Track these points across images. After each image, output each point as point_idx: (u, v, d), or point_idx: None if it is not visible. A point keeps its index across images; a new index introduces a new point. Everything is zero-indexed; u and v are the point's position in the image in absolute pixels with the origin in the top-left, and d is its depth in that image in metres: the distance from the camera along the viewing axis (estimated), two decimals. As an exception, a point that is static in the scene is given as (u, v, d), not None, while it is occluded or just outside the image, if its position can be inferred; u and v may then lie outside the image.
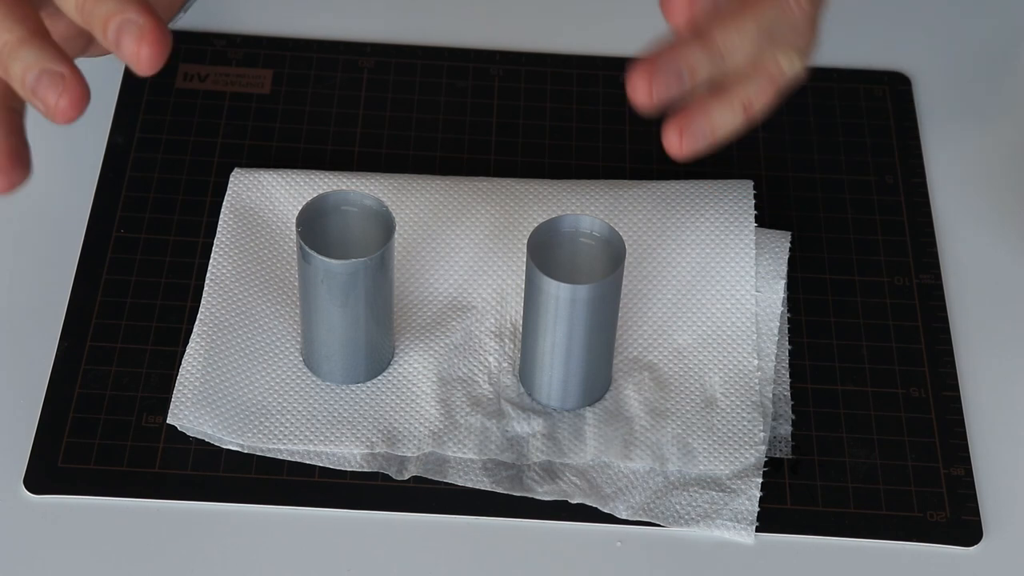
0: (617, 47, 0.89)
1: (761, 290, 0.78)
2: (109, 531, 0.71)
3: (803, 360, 0.77)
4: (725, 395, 0.75)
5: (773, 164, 0.85)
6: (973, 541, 0.72)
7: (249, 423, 0.73)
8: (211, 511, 0.72)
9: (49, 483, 0.72)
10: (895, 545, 0.72)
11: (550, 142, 0.85)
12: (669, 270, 0.78)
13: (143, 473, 0.72)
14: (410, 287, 0.78)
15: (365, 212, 0.72)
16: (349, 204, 0.72)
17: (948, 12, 0.93)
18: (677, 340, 0.77)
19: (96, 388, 0.75)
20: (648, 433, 0.74)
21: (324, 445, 0.73)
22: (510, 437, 0.74)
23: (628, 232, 0.79)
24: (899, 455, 0.74)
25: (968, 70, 0.90)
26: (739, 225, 0.79)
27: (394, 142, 0.85)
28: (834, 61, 0.90)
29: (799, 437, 0.75)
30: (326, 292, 0.71)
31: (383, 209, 0.71)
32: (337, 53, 0.89)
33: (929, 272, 0.81)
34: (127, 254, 0.80)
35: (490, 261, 0.79)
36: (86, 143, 0.84)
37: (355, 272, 0.70)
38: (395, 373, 0.75)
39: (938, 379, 0.77)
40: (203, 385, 0.74)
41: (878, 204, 0.84)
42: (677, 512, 0.72)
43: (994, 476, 0.74)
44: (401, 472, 0.72)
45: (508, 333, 0.77)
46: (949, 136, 0.87)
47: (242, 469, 0.73)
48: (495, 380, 0.75)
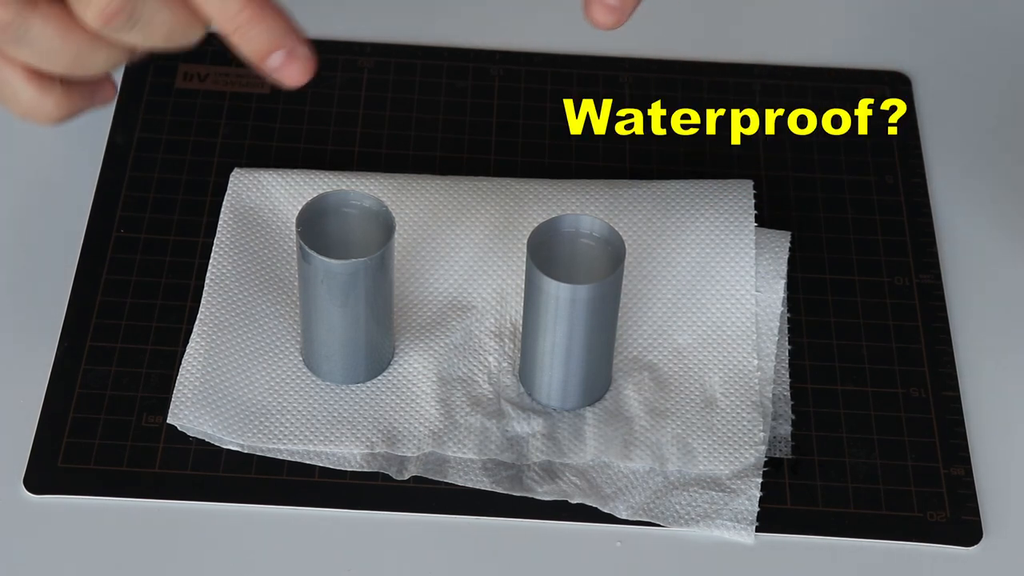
0: (617, 47, 0.89)
1: (761, 290, 0.78)
2: (109, 531, 0.71)
3: (803, 360, 0.77)
4: (725, 395, 0.75)
5: (773, 164, 0.85)
6: (973, 541, 0.72)
7: (249, 423, 0.73)
8: (211, 511, 0.72)
9: (49, 483, 0.72)
10: (895, 545, 0.72)
11: (550, 142, 0.85)
12: (669, 270, 0.78)
13: (143, 473, 0.72)
14: (410, 287, 0.78)
15: (365, 212, 0.72)
16: (349, 204, 0.72)
17: (948, 12, 0.93)
18: (677, 340, 0.77)
19: (96, 388, 0.75)
20: (648, 433, 0.74)
21: (324, 445, 0.73)
22: (510, 437, 0.74)
23: (628, 232, 0.79)
24: (899, 455, 0.74)
25: (968, 70, 0.90)
26: (739, 225, 0.79)
27: (394, 142, 0.85)
28: (834, 61, 0.90)
29: (799, 437, 0.75)
30: (326, 292, 0.71)
31: (383, 209, 0.71)
32: (337, 53, 0.89)
33: (929, 272, 0.81)
34: (127, 254, 0.80)
35: (490, 261, 0.79)
36: (86, 143, 0.84)
37: (355, 272, 0.70)
38: (395, 373, 0.75)
39: (938, 379, 0.77)
40: (203, 385, 0.74)
41: (878, 204, 0.84)
42: (677, 512, 0.72)
43: (994, 476, 0.74)
44: (401, 472, 0.72)
45: (508, 333, 0.77)
46: (949, 136, 0.87)
47: (242, 469, 0.73)
48: (495, 380, 0.75)
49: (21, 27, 0.65)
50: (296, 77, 0.66)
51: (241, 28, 0.65)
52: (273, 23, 0.65)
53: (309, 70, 0.66)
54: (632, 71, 0.88)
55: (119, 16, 0.64)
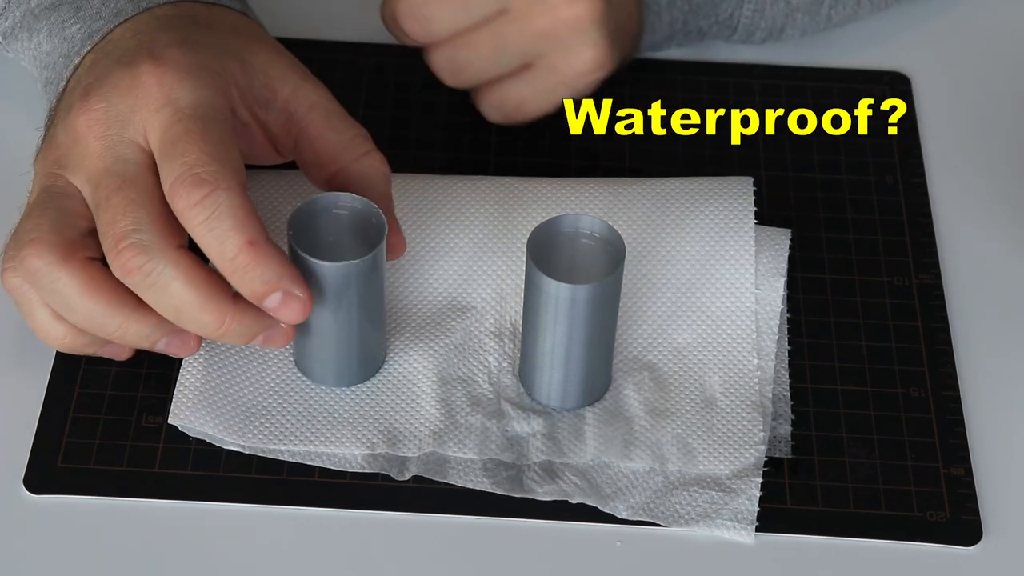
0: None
1: (761, 288, 0.78)
2: (109, 531, 0.71)
3: (803, 360, 0.77)
4: (725, 395, 0.75)
5: (773, 164, 0.85)
6: (973, 541, 0.72)
7: (250, 424, 0.73)
8: (211, 511, 0.72)
9: (49, 483, 0.72)
10: (895, 545, 0.72)
11: (550, 142, 0.85)
12: (669, 268, 0.78)
13: (143, 473, 0.72)
14: (409, 287, 0.78)
15: (356, 215, 0.72)
16: (340, 207, 0.72)
17: (948, 12, 0.93)
18: (677, 339, 0.77)
19: (96, 388, 0.75)
20: (648, 433, 0.74)
21: (325, 446, 0.73)
22: (510, 437, 0.74)
23: (628, 230, 0.79)
24: (899, 455, 0.74)
25: (968, 70, 0.90)
26: (739, 222, 0.79)
27: (394, 142, 0.85)
28: (834, 61, 0.90)
29: (799, 437, 0.75)
30: (317, 295, 0.71)
31: (374, 211, 0.71)
32: (337, 53, 0.89)
33: (929, 272, 0.81)
34: (127, 254, 0.79)
35: (490, 261, 0.79)
36: (86, 143, 0.84)
37: (347, 275, 0.70)
38: (395, 373, 0.75)
39: (938, 379, 0.77)
40: (204, 386, 0.74)
41: (878, 204, 0.84)
42: (677, 512, 0.72)
43: (994, 476, 0.74)
44: (402, 472, 0.72)
45: (508, 333, 0.77)
46: (949, 136, 0.87)
47: (242, 469, 0.73)
48: (495, 380, 0.75)
49: (48, 276, 0.69)
50: (292, 316, 0.69)
51: (238, 272, 0.68)
52: (268, 267, 0.68)
53: (305, 311, 0.69)
54: (632, 71, 0.88)
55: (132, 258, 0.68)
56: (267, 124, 0.74)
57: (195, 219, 0.67)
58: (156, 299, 0.69)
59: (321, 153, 0.74)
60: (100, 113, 0.70)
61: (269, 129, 0.74)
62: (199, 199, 0.67)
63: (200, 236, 0.68)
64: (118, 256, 0.68)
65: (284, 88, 0.74)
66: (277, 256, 0.68)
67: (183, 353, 0.73)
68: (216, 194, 0.67)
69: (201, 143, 0.68)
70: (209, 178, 0.67)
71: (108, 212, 0.69)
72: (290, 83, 0.74)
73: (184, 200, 0.67)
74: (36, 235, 0.69)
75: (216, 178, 0.67)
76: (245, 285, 0.68)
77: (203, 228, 0.67)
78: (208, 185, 0.67)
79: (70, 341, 0.72)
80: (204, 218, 0.67)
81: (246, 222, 0.67)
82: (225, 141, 0.69)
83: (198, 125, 0.68)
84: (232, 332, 0.69)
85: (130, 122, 0.70)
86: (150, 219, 0.68)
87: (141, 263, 0.68)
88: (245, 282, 0.68)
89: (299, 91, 0.74)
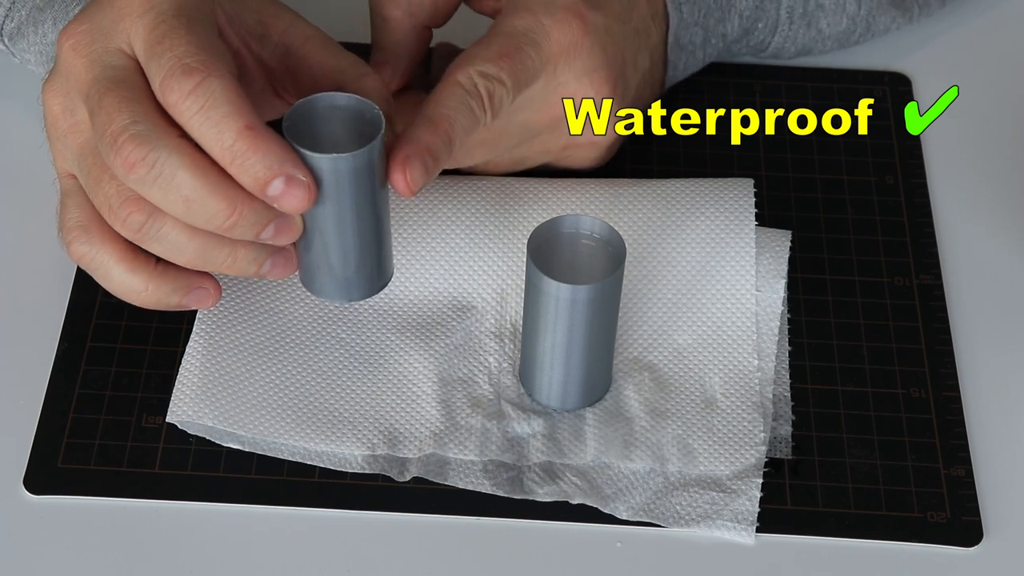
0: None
1: (761, 289, 0.78)
2: (109, 531, 0.71)
3: (803, 360, 0.77)
4: (725, 395, 0.75)
5: (773, 164, 0.85)
6: (973, 541, 0.72)
7: (249, 415, 0.73)
8: (211, 511, 0.72)
9: (49, 483, 0.72)
10: (895, 545, 0.72)
11: (550, 142, 0.85)
12: (669, 269, 0.78)
13: (143, 473, 0.72)
14: (410, 287, 0.78)
15: (353, 113, 0.69)
16: (337, 105, 0.69)
17: (948, 13, 0.93)
18: (677, 340, 0.77)
19: (96, 388, 0.75)
20: (648, 434, 0.74)
21: (325, 443, 0.73)
22: (510, 438, 0.74)
23: (628, 231, 0.79)
24: (899, 455, 0.74)
25: (968, 70, 0.90)
26: (739, 223, 0.79)
27: (394, 142, 0.85)
28: (834, 61, 0.90)
29: (799, 437, 0.75)
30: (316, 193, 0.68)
31: (373, 110, 0.68)
32: (337, 53, 0.89)
33: (929, 272, 0.81)
34: (127, 254, 0.79)
35: (490, 261, 0.79)
36: (86, 143, 0.84)
37: (342, 169, 0.67)
38: (395, 373, 0.75)
39: (938, 379, 0.77)
40: (203, 380, 0.74)
41: (878, 204, 0.84)
42: (677, 513, 0.72)
43: (994, 476, 0.74)
44: (402, 473, 0.72)
45: (508, 333, 0.77)
46: (949, 136, 0.87)
47: (242, 469, 0.73)
48: (495, 381, 0.75)
49: (153, 226, 0.68)
50: (296, 204, 0.66)
51: (238, 159, 0.65)
52: (268, 151, 0.66)
53: (309, 196, 0.66)
54: (632, 71, 0.88)
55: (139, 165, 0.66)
56: (263, 59, 0.73)
57: (189, 110, 0.65)
58: (163, 194, 0.66)
59: (320, 79, 0.72)
60: (84, 33, 0.68)
61: (265, 64, 0.73)
62: (191, 88, 0.65)
63: (196, 127, 0.66)
64: (119, 152, 0.66)
65: (279, 23, 0.72)
66: (277, 140, 0.66)
67: (286, 272, 0.71)
68: (208, 81, 0.65)
69: (187, 36, 0.66)
70: (199, 67, 0.65)
71: (102, 115, 0.66)
72: (284, 19, 0.72)
73: (176, 92, 0.65)
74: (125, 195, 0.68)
75: (207, 66, 0.65)
76: (246, 171, 0.66)
77: (199, 118, 0.65)
78: (199, 73, 0.65)
79: (151, 293, 0.71)
80: (199, 107, 0.65)
81: (242, 107, 0.65)
82: (211, 36, 0.67)
83: (182, 23, 0.67)
84: (244, 220, 0.67)
85: (114, 32, 0.68)
86: (145, 112, 0.66)
87: (144, 153, 0.65)
88: (246, 168, 0.66)
89: (294, 25, 0.72)
